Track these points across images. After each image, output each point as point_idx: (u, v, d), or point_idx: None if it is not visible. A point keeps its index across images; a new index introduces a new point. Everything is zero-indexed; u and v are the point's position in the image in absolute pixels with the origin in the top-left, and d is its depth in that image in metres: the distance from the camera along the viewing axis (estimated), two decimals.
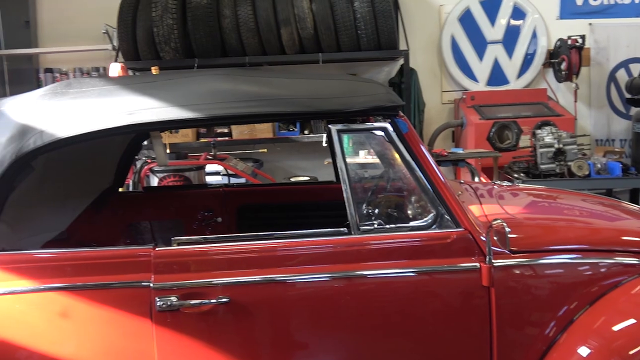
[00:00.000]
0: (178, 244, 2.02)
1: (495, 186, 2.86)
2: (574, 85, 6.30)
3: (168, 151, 5.81)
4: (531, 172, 5.33)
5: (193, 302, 1.92)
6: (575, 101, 6.38)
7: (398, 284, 2.04)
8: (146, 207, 3.49)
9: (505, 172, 5.50)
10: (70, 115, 2.03)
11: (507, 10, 6.63)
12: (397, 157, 2.06)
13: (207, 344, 1.96)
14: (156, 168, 5.07)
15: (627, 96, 6.23)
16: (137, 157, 5.55)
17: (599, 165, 5.16)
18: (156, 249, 1.97)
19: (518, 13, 6.65)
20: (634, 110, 6.17)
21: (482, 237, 2.03)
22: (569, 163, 5.12)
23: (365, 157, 3.61)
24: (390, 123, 2.05)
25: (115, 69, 5.70)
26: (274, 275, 1.97)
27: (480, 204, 2.41)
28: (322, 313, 2.00)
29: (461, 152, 5.23)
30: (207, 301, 1.93)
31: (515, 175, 5.27)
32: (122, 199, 3.52)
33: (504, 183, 2.91)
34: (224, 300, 1.94)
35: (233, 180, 5.50)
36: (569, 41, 6.19)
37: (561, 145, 5.16)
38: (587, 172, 5.09)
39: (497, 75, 6.71)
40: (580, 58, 6.16)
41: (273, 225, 3.16)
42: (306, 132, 6.31)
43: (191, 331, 1.95)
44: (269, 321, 1.99)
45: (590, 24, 6.62)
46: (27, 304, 1.94)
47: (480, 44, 6.67)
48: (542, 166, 5.19)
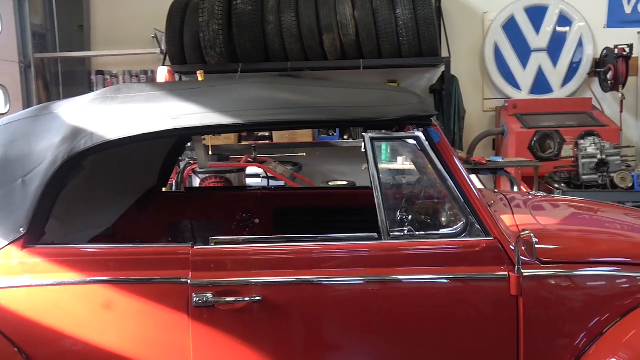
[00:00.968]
0: (215, 243, 2.11)
1: (530, 196, 2.86)
2: (620, 95, 6.17)
3: (210, 153, 5.98)
4: (573, 183, 5.24)
5: (228, 300, 2.01)
6: (621, 111, 6.25)
7: (426, 290, 2.08)
8: (187, 207, 3.62)
9: (546, 182, 5.43)
10: (118, 119, 2.15)
11: (553, 18, 6.55)
12: (429, 166, 2.11)
13: (240, 340, 2.04)
14: (198, 169, 5.22)
15: None
16: (181, 159, 5.73)
17: None
18: (194, 247, 2.07)
19: (564, 21, 6.56)
20: None
21: (512, 247, 2.05)
22: (612, 174, 5.02)
23: (400, 164, 3.65)
24: (422, 132, 2.10)
25: (162, 73, 5.89)
26: (305, 276, 2.04)
27: (512, 214, 2.42)
28: (351, 316, 2.06)
29: (500, 161, 5.20)
30: (241, 299, 2.02)
31: (556, 185, 5.20)
32: (165, 199, 3.65)
33: (540, 193, 2.91)
34: (257, 298, 2.02)
35: (272, 182, 5.62)
36: (616, 50, 6.07)
37: (604, 156, 5.07)
38: (631, 184, 4.98)
39: (541, 83, 6.64)
40: (627, 67, 6.03)
41: (308, 228, 3.24)
42: (345, 137, 6.38)
43: (225, 327, 2.04)
44: (299, 321, 2.07)
45: (638, 33, 6.47)
46: (74, 295, 2.06)
47: (524, 52, 6.61)
48: (584, 177, 5.11)
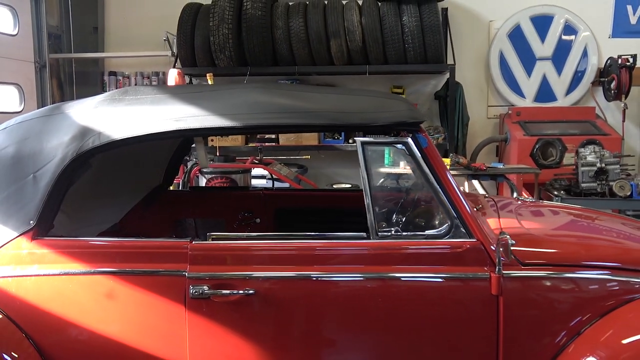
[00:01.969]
0: (213, 239, 2.23)
1: (519, 202, 2.96)
2: (623, 104, 6.24)
3: (217, 154, 6.12)
4: (572, 190, 5.32)
5: (223, 292, 2.14)
6: (623, 121, 6.31)
7: (411, 288, 2.19)
8: (192, 206, 3.75)
9: (546, 189, 5.52)
10: (125, 119, 2.28)
11: (558, 27, 6.64)
12: (417, 170, 2.22)
13: (233, 330, 2.17)
14: (204, 169, 5.36)
15: None
16: (187, 158, 5.88)
17: None
18: (193, 242, 2.20)
19: (569, 30, 6.64)
20: None
21: (493, 248, 2.16)
22: (611, 183, 5.10)
23: (403, 169, 3.77)
24: (411, 138, 2.21)
25: (172, 75, 6.06)
26: (296, 272, 2.16)
27: (499, 218, 2.53)
28: (339, 310, 2.18)
29: (500, 167, 5.28)
30: (236, 292, 2.14)
31: (555, 192, 5.29)
32: (171, 197, 3.79)
33: (528, 199, 3.00)
34: (251, 292, 2.14)
35: (278, 184, 5.75)
36: (620, 60, 6.14)
37: (603, 164, 5.14)
38: (629, 193, 5.05)
39: (545, 91, 6.72)
40: (630, 77, 6.10)
41: (308, 228, 3.36)
42: (350, 141, 6.49)
43: (220, 318, 2.16)
44: (290, 314, 2.18)
45: None
46: (79, 285, 2.19)
47: (529, 60, 6.70)
48: (583, 185, 5.19)
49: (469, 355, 2.19)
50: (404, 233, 2.22)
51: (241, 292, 2.14)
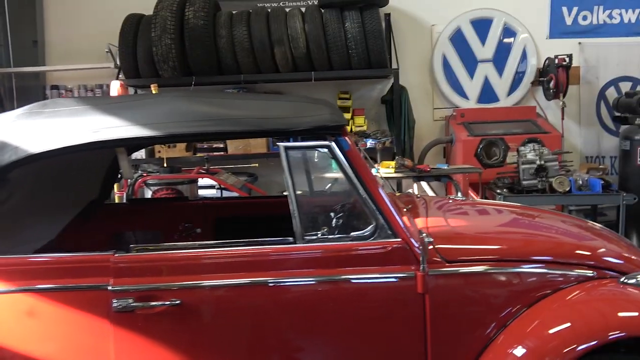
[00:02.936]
0: (136, 251, 2.20)
1: (450, 201, 3.01)
2: (562, 103, 6.43)
3: (164, 165, 6.05)
4: (515, 188, 5.45)
5: (147, 304, 2.10)
6: (562, 119, 6.50)
7: (338, 291, 2.20)
8: (131, 218, 3.69)
9: (489, 188, 5.63)
10: (42, 133, 2.23)
11: (498, 30, 6.81)
12: (341, 173, 2.24)
13: (160, 343, 2.14)
14: (150, 181, 5.29)
15: (616, 114, 6.35)
16: (133, 171, 5.79)
17: (580, 181, 5.26)
18: (115, 255, 2.16)
19: (508, 32, 6.82)
20: (623, 127, 6.28)
21: (417, 247, 2.19)
22: (550, 179, 5.24)
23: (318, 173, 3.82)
24: (334, 141, 2.23)
25: (115, 87, 5.97)
26: (221, 280, 2.15)
27: (426, 217, 2.57)
28: (263, 316, 2.18)
29: (444, 168, 5.37)
30: (160, 303, 2.11)
31: (498, 190, 5.40)
32: (109, 210, 3.72)
33: (459, 197, 3.06)
34: (176, 302, 2.12)
35: (227, 194, 5.71)
36: (557, 60, 6.33)
37: (543, 161, 5.28)
38: (568, 188, 5.19)
39: (488, 93, 6.87)
40: (567, 76, 6.29)
41: (249, 236, 3.35)
42: None
43: (145, 331, 2.13)
44: (216, 324, 2.17)
45: (579, 43, 6.76)
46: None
47: (471, 63, 6.84)
48: (524, 182, 5.31)
49: (399, 353, 2.22)
50: (330, 236, 2.23)
51: (167, 303, 2.12)
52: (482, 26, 6.80)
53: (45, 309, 2.13)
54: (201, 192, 5.84)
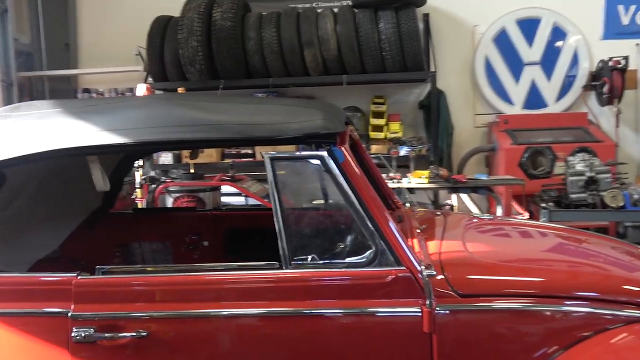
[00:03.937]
0: (103, 273, 1.95)
1: (475, 219, 2.64)
2: (616, 109, 5.89)
3: (192, 171, 5.86)
4: (562, 202, 4.98)
5: (109, 335, 1.85)
6: (617, 126, 5.96)
7: (329, 327, 1.89)
8: (137, 228, 3.49)
9: (533, 201, 5.18)
10: (8, 138, 2.02)
11: (546, 30, 6.32)
12: (335, 188, 1.92)
13: None
14: (171, 188, 5.11)
15: None
16: (158, 176, 5.64)
17: (636, 196, 4.75)
18: (78, 278, 1.91)
19: (558, 33, 6.32)
20: None
21: (421, 277, 1.85)
22: (602, 193, 4.75)
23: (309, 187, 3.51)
24: (327, 151, 1.92)
25: (141, 91, 5.82)
26: (195, 310, 1.87)
27: (441, 240, 2.21)
28: (245, 352, 1.88)
29: (483, 179, 4.96)
30: (125, 334, 1.85)
31: (543, 204, 4.94)
32: (114, 219, 3.52)
33: (485, 216, 2.68)
34: (143, 334, 1.85)
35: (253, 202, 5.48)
36: (611, 62, 5.81)
37: (593, 173, 4.79)
38: (622, 204, 4.69)
39: (535, 98, 6.39)
40: (623, 80, 5.76)
41: (260, 249, 3.07)
42: None
43: None
44: (190, 357, 1.89)
45: (637, 44, 6.20)
46: None
47: (516, 66, 6.38)
48: (573, 195, 4.84)
49: None
50: (322, 262, 1.92)
51: (132, 334, 1.85)
52: (529, 26, 6.33)
53: (3, 336, 1.90)
54: (226, 200, 5.63)
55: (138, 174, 5.38)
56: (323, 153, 1.92)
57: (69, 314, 1.87)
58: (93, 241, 3.40)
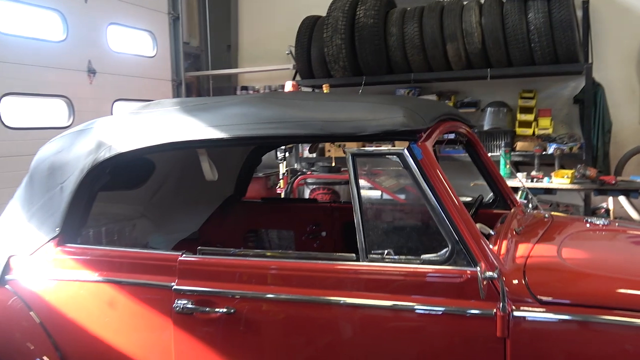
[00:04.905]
0: (202, 254, 2.17)
1: (587, 224, 2.44)
2: None
3: (333, 164, 6.10)
4: None
5: (204, 309, 2.06)
6: None
7: (400, 320, 1.91)
8: (264, 216, 3.76)
9: None
10: (132, 133, 2.33)
11: None
12: (414, 185, 1.94)
13: (216, 350, 2.08)
14: (308, 180, 5.37)
15: None
16: (297, 169, 5.94)
17: None
18: (182, 256, 2.16)
19: None
20: None
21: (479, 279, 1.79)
22: None
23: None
24: (407, 148, 1.94)
25: (288, 88, 6.18)
26: (275, 293, 2.01)
27: (535, 244, 2.10)
28: (320, 336, 1.98)
29: (636, 181, 4.48)
30: (217, 310, 2.05)
31: None
32: (245, 207, 3.83)
33: (599, 221, 2.46)
34: (232, 311, 2.04)
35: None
36: None
37: None
38: None
39: None
40: None
41: None
42: None
43: (202, 335, 2.09)
44: (270, 336, 2.04)
45: None
46: (87, 292, 2.27)
47: None
48: None
49: None
50: (397, 257, 1.94)
51: (223, 311, 2.05)
52: None
53: (121, 301, 2.21)
54: (366, 193, 5.75)
55: (282, 166, 5.73)
56: (402, 150, 1.94)
57: (173, 288, 2.12)
58: (227, 226, 3.74)
